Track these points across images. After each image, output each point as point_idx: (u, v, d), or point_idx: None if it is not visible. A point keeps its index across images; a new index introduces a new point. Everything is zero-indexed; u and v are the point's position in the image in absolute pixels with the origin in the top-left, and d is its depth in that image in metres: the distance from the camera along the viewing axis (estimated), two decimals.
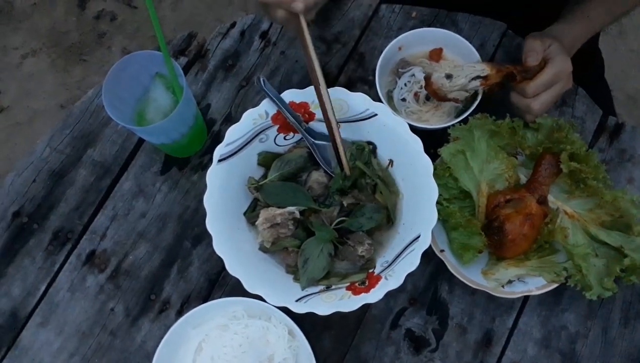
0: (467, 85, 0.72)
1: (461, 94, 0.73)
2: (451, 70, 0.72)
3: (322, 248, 0.69)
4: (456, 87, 0.71)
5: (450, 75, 0.71)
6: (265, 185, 0.73)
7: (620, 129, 0.82)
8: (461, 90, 0.72)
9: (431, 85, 0.73)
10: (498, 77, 0.72)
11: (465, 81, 0.71)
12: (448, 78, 0.71)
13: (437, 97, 0.73)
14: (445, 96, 0.73)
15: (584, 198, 0.73)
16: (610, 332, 0.74)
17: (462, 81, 0.71)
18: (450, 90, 0.72)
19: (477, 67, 0.72)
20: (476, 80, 0.71)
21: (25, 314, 0.75)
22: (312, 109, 0.73)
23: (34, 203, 0.79)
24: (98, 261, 0.77)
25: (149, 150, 0.80)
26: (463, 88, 0.72)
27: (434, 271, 0.76)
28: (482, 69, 0.72)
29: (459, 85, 0.71)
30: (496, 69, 0.72)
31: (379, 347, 0.74)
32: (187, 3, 1.88)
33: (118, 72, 0.68)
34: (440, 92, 0.72)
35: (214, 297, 0.75)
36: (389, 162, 0.74)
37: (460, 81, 0.71)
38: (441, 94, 0.73)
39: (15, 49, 1.84)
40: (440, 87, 0.72)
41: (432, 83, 0.73)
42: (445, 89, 0.72)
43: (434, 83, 0.72)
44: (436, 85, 0.72)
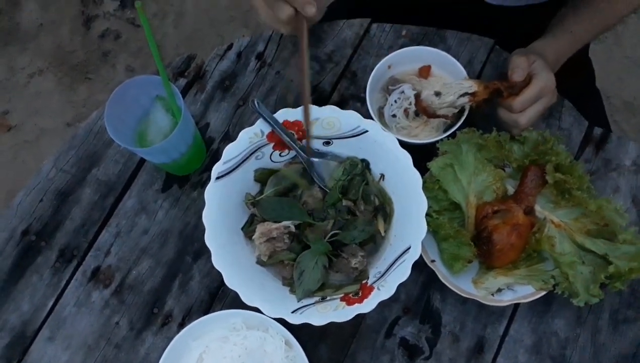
0: (456, 102, 0.74)
1: (450, 110, 0.75)
2: (440, 87, 0.75)
3: (316, 261, 0.72)
4: (445, 103, 0.74)
5: (439, 92, 0.74)
6: (261, 200, 0.76)
7: (606, 140, 0.84)
8: (450, 106, 0.75)
9: (421, 103, 0.76)
10: (485, 93, 0.74)
11: (453, 98, 0.74)
12: (437, 95, 0.74)
13: (427, 114, 0.76)
14: (434, 113, 0.76)
15: (569, 208, 0.75)
16: (599, 337, 0.76)
17: (451, 98, 0.74)
18: (440, 107, 0.75)
19: (464, 84, 0.75)
20: (464, 97, 0.74)
21: (34, 329, 0.78)
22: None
23: (42, 222, 0.82)
24: (103, 277, 0.80)
25: (151, 169, 0.84)
26: (452, 105, 0.75)
27: (426, 281, 0.78)
28: (469, 85, 0.74)
29: (447, 102, 0.74)
30: (483, 86, 0.75)
31: (374, 355, 0.76)
32: (189, 20, 1.92)
33: (120, 95, 0.71)
34: (429, 109, 0.75)
35: (215, 310, 0.77)
36: (380, 176, 0.77)
37: (449, 98, 0.74)
38: (430, 110, 0.75)
39: (23, 69, 1.88)
40: (430, 104, 0.75)
41: (422, 101, 0.75)
42: (435, 106, 0.75)
43: (424, 101, 0.75)
44: (426, 102, 0.75)
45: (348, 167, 0.76)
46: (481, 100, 0.75)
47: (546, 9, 0.89)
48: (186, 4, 1.94)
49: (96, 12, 1.94)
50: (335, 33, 0.89)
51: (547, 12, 0.89)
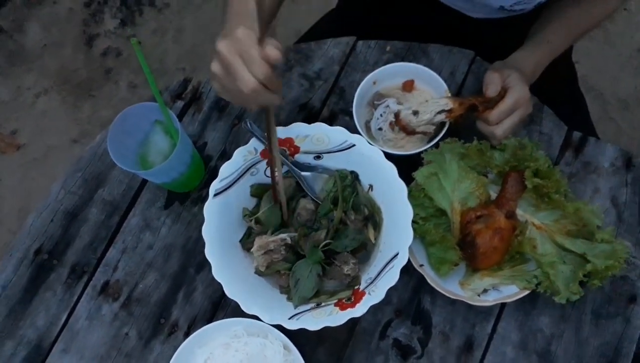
0: (433, 119, 0.79)
1: (428, 127, 0.80)
2: (417, 106, 0.79)
3: (311, 269, 0.76)
4: (423, 121, 0.79)
5: (416, 111, 0.79)
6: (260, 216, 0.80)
7: (584, 143, 0.88)
8: (428, 124, 0.79)
9: (400, 121, 0.80)
10: (461, 109, 0.79)
11: (430, 116, 0.78)
12: (415, 114, 0.79)
13: (406, 131, 0.81)
14: (414, 130, 0.80)
15: (549, 211, 0.79)
16: (582, 332, 0.80)
17: (428, 116, 0.78)
18: (418, 125, 0.79)
19: (440, 102, 0.79)
20: (441, 114, 0.79)
21: (50, 342, 0.83)
22: (297, 143, 0.81)
23: (53, 241, 0.87)
24: (112, 291, 0.85)
25: (153, 188, 0.89)
26: (429, 122, 0.79)
27: (416, 284, 0.83)
28: (445, 103, 0.79)
29: (425, 120, 0.79)
30: (459, 102, 0.79)
31: (369, 357, 0.81)
32: (188, 35, 1.97)
33: (121, 122, 0.76)
34: (408, 127, 0.80)
35: (218, 318, 0.82)
36: (369, 186, 0.81)
37: (425, 116, 0.78)
38: (409, 128, 0.80)
39: (29, 89, 1.94)
40: (409, 122, 0.79)
41: (401, 119, 0.80)
42: (413, 124, 0.79)
43: (403, 119, 0.80)
44: (404, 121, 0.80)
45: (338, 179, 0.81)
46: (458, 115, 0.79)
47: (524, 20, 0.93)
48: (185, 20, 1.99)
49: (97, 31, 2.00)
50: (322, 52, 0.94)
51: (525, 23, 0.93)
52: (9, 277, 0.86)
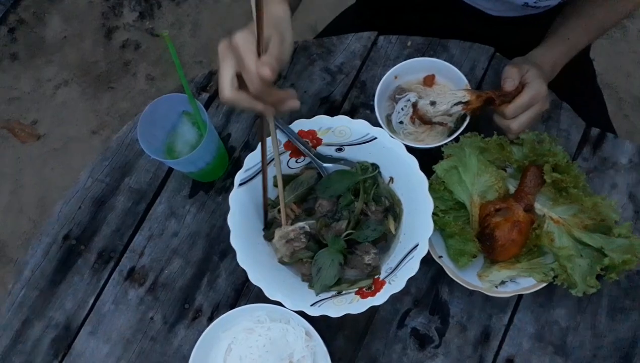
0: (450, 110, 0.80)
1: (445, 118, 0.81)
2: (435, 97, 0.80)
3: (332, 259, 0.78)
4: (439, 112, 0.80)
5: (434, 102, 0.80)
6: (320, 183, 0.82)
7: (603, 139, 0.89)
8: (444, 115, 0.81)
9: (418, 111, 0.82)
10: (478, 102, 0.80)
11: (447, 107, 0.80)
12: (432, 105, 0.80)
13: (424, 121, 0.82)
14: (430, 120, 0.81)
15: (567, 205, 0.81)
16: (598, 325, 0.82)
17: (445, 107, 0.80)
18: (435, 115, 0.80)
19: (458, 94, 0.80)
20: (458, 106, 0.80)
21: (77, 324, 0.86)
22: (319, 135, 0.83)
23: (81, 228, 0.90)
24: (138, 276, 0.87)
25: (179, 177, 0.91)
26: (446, 113, 0.80)
27: (434, 275, 0.84)
28: (462, 95, 0.80)
29: (442, 111, 0.80)
30: (476, 95, 0.80)
31: (388, 344, 0.83)
32: (205, 29, 1.99)
33: (150, 112, 0.78)
34: (425, 117, 0.81)
35: (240, 304, 0.84)
36: (389, 179, 0.83)
37: (442, 107, 0.80)
38: (426, 118, 0.81)
39: (49, 80, 1.97)
40: (426, 112, 0.81)
41: (419, 109, 0.81)
42: (430, 114, 0.80)
43: (420, 109, 0.81)
44: (422, 111, 0.81)
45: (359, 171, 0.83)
46: (475, 108, 0.81)
47: (543, 18, 0.94)
48: (202, 14, 2.01)
49: (116, 24, 2.03)
50: (344, 46, 0.95)
51: (544, 20, 0.93)
52: (39, 261, 0.89)
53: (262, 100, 0.64)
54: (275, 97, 0.65)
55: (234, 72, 0.63)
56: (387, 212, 0.81)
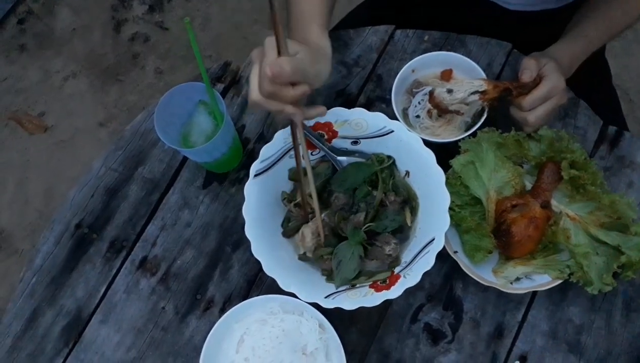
0: (467, 99, 0.79)
1: (461, 106, 0.80)
2: (452, 85, 0.80)
3: (353, 251, 0.78)
4: (456, 100, 0.79)
5: (451, 89, 0.79)
6: (335, 176, 0.82)
7: (619, 138, 0.89)
8: (461, 103, 0.80)
9: (434, 99, 0.81)
10: (495, 92, 0.79)
11: (464, 95, 0.79)
12: (449, 92, 0.79)
13: (440, 109, 0.82)
14: (446, 108, 0.81)
15: (584, 202, 0.80)
16: (613, 324, 0.81)
17: (461, 95, 0.79)
18: (451, 103, 0.80)
19: (475, 83, 0.80)
20: (475, 95, 0.79)
21: (89, 313, 0.86)
22: (336, 128, 0.82)
23: (93, 216, 0.90)
24: (150, 266, 0.87)
25: (192, 167, 0.91)
26: (462, 101, 0.80)
27: (448, 271, 0.84)
28: (480, 84, 0.80)
29: (458, 99, 0.79)
30: (493, 85, 0.80)
31: (400, 339, 0.82)
32: (215, 23, 1.99)
33: (167, 101, 0.78)
34: (442, 105, 0.81)
35: (252, 296, 0.84)
36: (406, 172, 0.83)
37: (459, 95, 0.79)
38: (443, 106, 0.81)
39: (57, 72, 1.97)
40: (442, 100, 0.80)
41: (435, 97, 0.81)
42: (446, 102, 0.80)
43: (436, 97, 0.81)
44: (438, 98, 0.80)
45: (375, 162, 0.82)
46: (492, 98, 0.80)
47: (561, 14, 0.93)
48: (212, 8, 2.01)
49: (126, 17, 2.02)
50: (361, 39, 0.95)
51: (562, 16, 0.93)
52: (51, 248, 0.88)
53: (278, 99, 0.65)
54: (289, 97, 0.65)
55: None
56: (404, 204, 0.81)
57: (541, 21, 0.96)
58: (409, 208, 0.81)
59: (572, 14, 0.93)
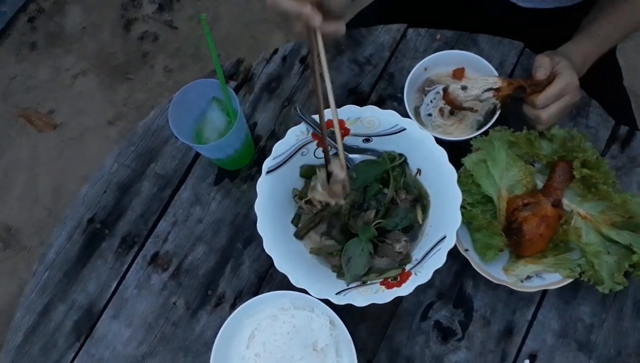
0: (481, 96, 0.80)
1: (475, 103, 0.81)
2: (466, 82, 0.80)
3: (362, 248, 0.78)
4: (470, 97, 0.80)
5: (465, 86, 0.80)
6: (352, 171, 0.81)
7: (631, 137, 0.89)
8: (475, 100, 0.80)
9: (448, 96, 0.81)
10: (509, 89, 0.80)
11: (478, 92, 0.79)
12: (463, 89, 0.80)
13: (454, 106, 0.82)
14: (460, 105, 0.81)
15: (595, 202, 0.80)
16: (623, 323, 0.81)
17: (476, 92, 0.79)
18: (465, 100, 0.80)
19: (489, 80, 0.80)
20: (489, 92, 0.79)
21: (100, 308, 0.86)
22: (348, 125, 0.83)
23: (105, 212, 0.90)
24: (161, 261, 0.88)
25: (204, 164, 0.91)
26: (477, 98, 0.80)
27: (459, 269, 0.84)
28: (494, 81, 0.80)
29: (473, 96, 0.80)
30: (507, 82, 0.80)
31: (411, 336, 0.82)
32: (224, 22, 2.00)
33: (181, 97, 0.78)
34: (456, 102, 0.81)
35: (263, 292, 0.84)
36: (417, 170, 0.83)
37: (474, 92, 0.79)
38: (457, 103, 0.81)
39: (67, 70, 1.98)
40: (456, 97, 0.80)
41: (449, 93, 0.81)
42: (461, 98, 0.80)
43: (451, 93, 0.81)
44: (452, 95, 0.81)
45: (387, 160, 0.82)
46: (506, 95, 0.80)
47: (574, 12, 0.93)
48: (221, 8, 2.01)
49: (135, 15, 2.03)
50: (373, 38, 0.95)
51: (574, 15, 0.93)
52: (63, 244, 0.89)
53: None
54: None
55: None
56: (415, 202, 0.81)
57: (553, 19, 0.96)
58: (420, 206, 0.81)
59: (585, 12, 0.93)
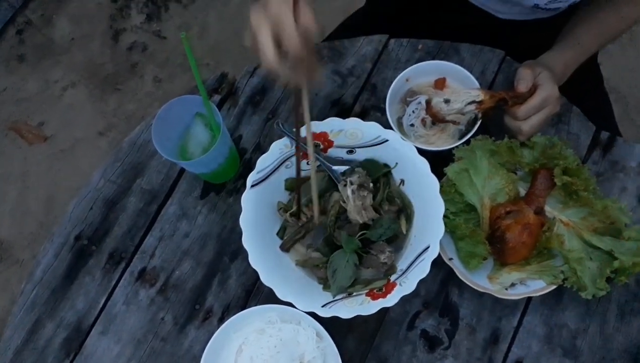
0: (464, 109, 0.81)
1: (458, 116, 0.82)
2: (449, 95, 0.81)
3: (347, 259, 0.79)
4: (453, 110, 0.81)
5: (448, 100, 0.80)
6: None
7: (612, 143, 0.90)
8: (458, 113, 0.81)
9: (431, 109, 0.82)
10: (491, 101, 0.80)
11: (461, 106, 0.80)
12: (446, 103, 0.80)
13: (437, 119, 0.83)
14: (443, 118, 0.82)
15: (577, 208, 0.81)
16: (607, 328, 0.82)
17: (459, 106, 0.80)
18: (448, 113, 0.81)
19: (472, 93, 0.81)
20: (471, 105, 0.80)
21: (89, 324, 0.86)
22: (331, 137, 0.83)
23: (92, 228, 0.91)
24: (149, 277, 0.88)
25: (190, 178, 0.92)
26: (460, 111, 0.81)
27: (444, 277, 0.85)
28: (477, 94, 0.81)
29: (456, 109, 0.80)
30: (489, 95, 0.81)
31: (398, 346, 0.83)
32: (213, 31, 2.00)
33: (164, 114, 0.79)
34: (439, 115, 0.82)
35: (250, 305, 0.85)
36: (400, 181, 0.84)
37: (457, 105, 0.80)
38: (440, 116, 0.82)
39: (56, 82, 1.98)
40: (439, 110, 0.81)
41: (432, 107, 0.82)
42: (444, 112, 0.81)
43: (434, 107, 0.82)
44: (435, 108, 0.81)
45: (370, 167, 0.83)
46: (488, 108, 0.81)
47: (554, 21, 0.94)
48: (210, 17, 2.02)
49: (124, 26, 2.04)
50: (355, 49, 0.96)
51: (555, 24, 0.94)
52: (51, 261, 0.89)
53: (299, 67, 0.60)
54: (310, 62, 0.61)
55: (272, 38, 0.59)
56: (400, 212, 0.82)
57: (533, 29, 0.97)
58: (404, 216, 0.82)
59: (565, 21, 0.94)
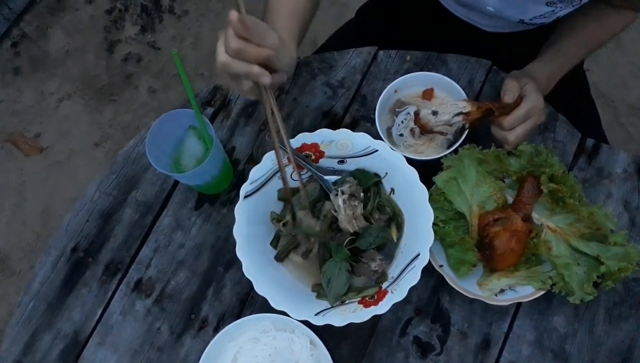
0: (451, 121, 0.82)
1: (446, 128, 0.84)
2: (437, 107, 0.83)
3: (340, 267, 0.80)
4: (441, 122, 0.82)
5: (436, 111, 0.82)
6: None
7: (598, 150, 0.91)
8: (445, 124, 0.83)
9: (420, 121, 0.84)
10: (478, 113, 0.82)
11: (449, 117, 0.82)
12: (434, 114, 0.82)
13: (425, 130, 0.84)
14: (431, 130, 0.84)
15: (564, 215, 0.83)
16: (596, 332, 0.83)
17: (446, 117, 0.82)
18: (436, 124, 0.83)
19: (459, 105, 0.83)
20: (459, 116, 0.82)
21: (86, 336, 0.87)
22: (322, 148, 0.85)
23: (88, 240, 0.92)
24: (144, 287, 0.89)
25: (184, 190, 0.93)
26: (447, 123, 0.83)
27: (435, 284, 0.86)
28: (464, 106, 0.82)
29: (443, 120, 0.82)
30: (476, 106, 0.83)
31: (390, 353, 0.84)
32: (206, 42, 2.02)
33: (158, 127, 0.80)
34: (427, 126, 0.83)
35: (245, 314, 0.86)
36: (390, 190, 0.85)
37: (444, 117, 0.82)
38: (428, 128, 0.84)
39: (52, 94, 2.00)
40: (427, 122, 0.83)
41: (420, 119, 0.84)
42: (432, 123, 0.83)
43: (422, 119, 0.83)
44: (424, 120, 0.83)
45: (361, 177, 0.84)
46: (475, 119, 0.83)
47: (540, 31, 0.96)
48: (203, 27, 2.04)
49: (118, 37, 2.06)
50: (345, 61, 0.98)
51: (540, 34, 0.96)
52: (47, 273, 0.90)
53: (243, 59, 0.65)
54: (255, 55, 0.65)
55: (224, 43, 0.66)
56: (390, 221, 0.83)
57: (519, 39, 0.99)
58: (395, 224, 0.83)
59: (550, 30, 0.96)
